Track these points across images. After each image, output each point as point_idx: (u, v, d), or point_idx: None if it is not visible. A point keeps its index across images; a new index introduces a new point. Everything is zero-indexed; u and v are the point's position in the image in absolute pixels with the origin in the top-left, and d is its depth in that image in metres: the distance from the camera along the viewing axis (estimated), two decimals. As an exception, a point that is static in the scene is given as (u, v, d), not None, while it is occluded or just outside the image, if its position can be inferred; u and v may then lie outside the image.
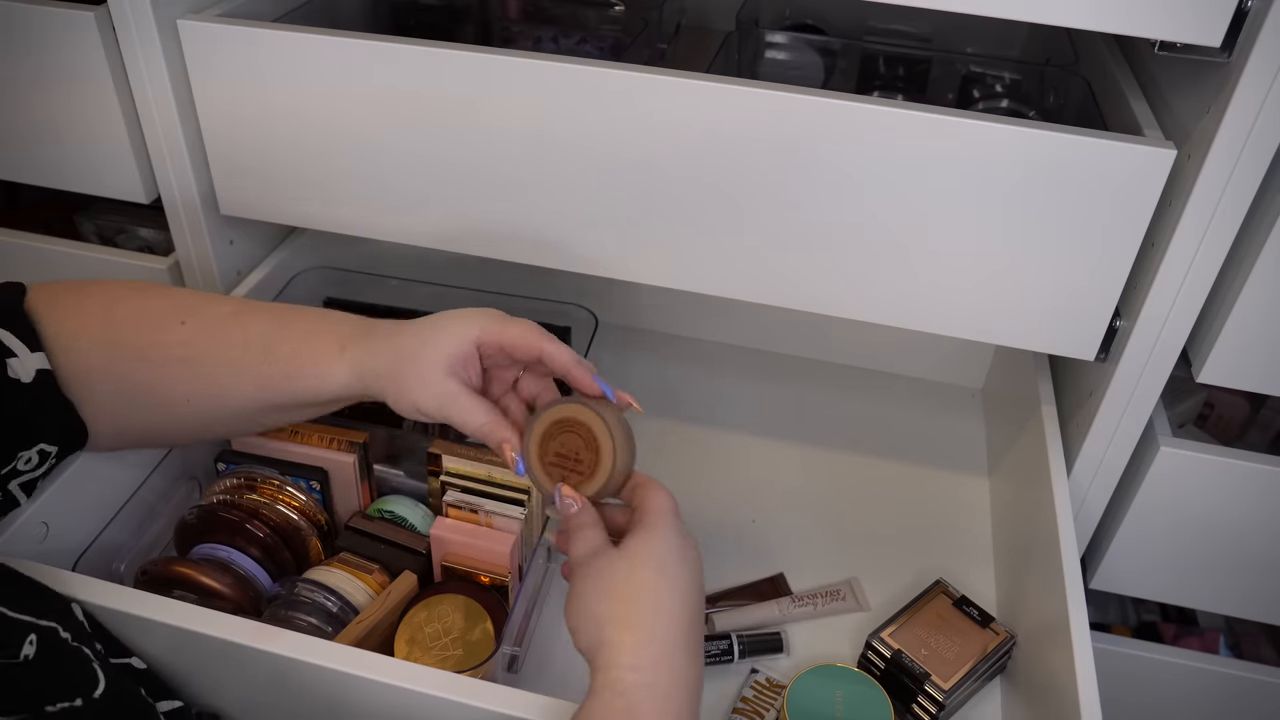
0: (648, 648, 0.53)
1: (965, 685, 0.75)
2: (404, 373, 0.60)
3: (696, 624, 0.56)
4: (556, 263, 0.81)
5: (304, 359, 0.63)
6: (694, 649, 0.55)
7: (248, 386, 0.63)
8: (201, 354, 0.63)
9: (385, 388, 0.61)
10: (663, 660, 0.53)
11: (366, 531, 0.77)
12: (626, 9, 0.98)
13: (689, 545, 0.58)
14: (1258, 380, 0.73)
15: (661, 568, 0.55)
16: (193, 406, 0.65)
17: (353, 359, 0.62)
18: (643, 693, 0.52)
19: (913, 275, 0.74)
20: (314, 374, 0.62)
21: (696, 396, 1.07)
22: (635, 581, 0.55)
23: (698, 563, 0.58)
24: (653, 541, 0.56)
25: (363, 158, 0.80)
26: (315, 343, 0.63)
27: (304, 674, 0.58)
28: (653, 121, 0.72)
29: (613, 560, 0.56)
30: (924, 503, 0.96)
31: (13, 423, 0.60)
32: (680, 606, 0.55)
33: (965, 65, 0.91)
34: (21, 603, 0.54)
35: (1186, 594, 0.87)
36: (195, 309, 0.65)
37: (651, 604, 0.54)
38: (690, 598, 0.56)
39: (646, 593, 0.55)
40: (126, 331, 0.63)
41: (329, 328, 0.64)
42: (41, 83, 0.84)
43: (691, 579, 0.57)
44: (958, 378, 1.11)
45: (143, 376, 0.63)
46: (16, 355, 0.59)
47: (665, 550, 0.56)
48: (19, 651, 0.51)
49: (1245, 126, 0.63)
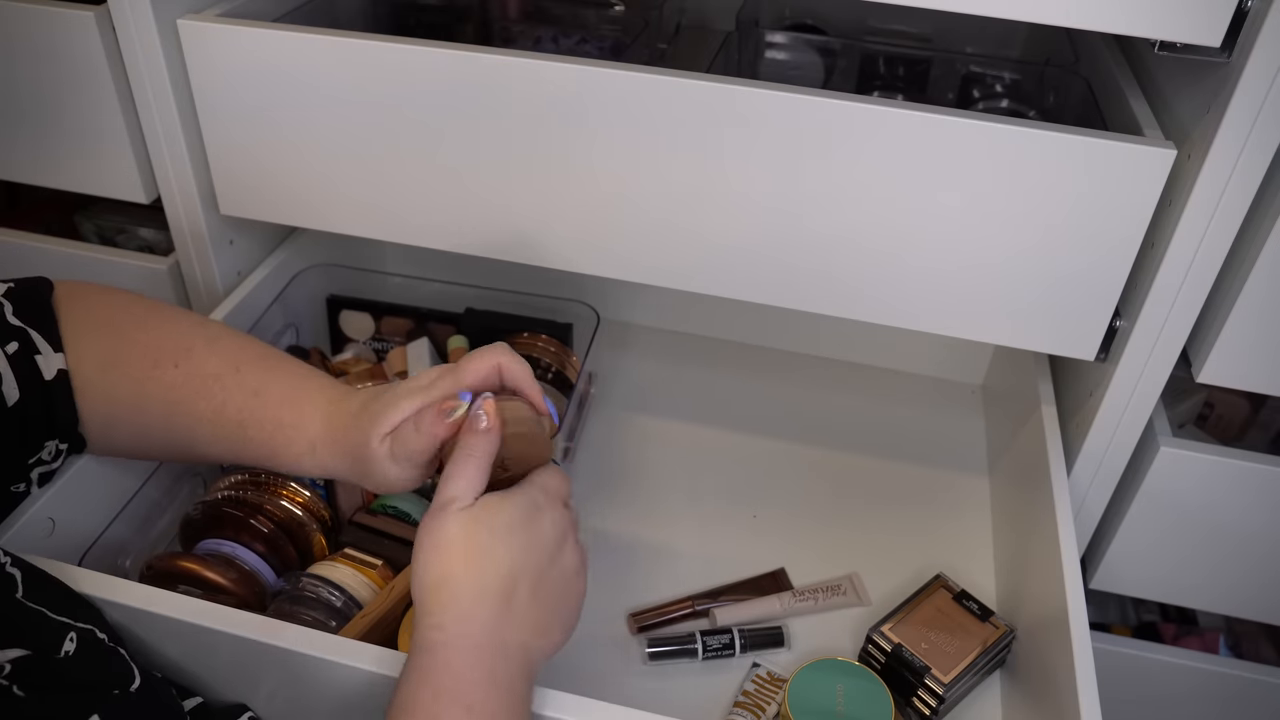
0: (452, 605, 0.52)
1: (965, 679, 0.75)
2: (364, 473, 0.61)
3: (528, 583, 0.54)
4: (557, 263, 0.81)
5: (277, 446, 0.64)
6: (518, 608, 0.54)
7: (223, 451, 0.65)
8: (186, 404, 0.64)
9: (360, 481, 0.63)
10: (472, 617, 0.52)
11: (370, 527, 0.77)
12: (626, 9, 0.98)
13: (546, 515, 0.57)
14: (1258, 380, 0.73)
15: (494, 529, 0.54)
16: (171, 448, 0.66)
17: (320, 463, 0.63)
18: (444, 652, 0.51)
19: (912, 275, 0.74)
20: (286, 463, 0.64)
21: (698, 392, 1.07)
22: (467, 540, 0.54)
23: (551, 530, 0.57)
24: (500, 503, 0.55)
25: (363, 157, 0.80)
26: (288, 434, 0.63)
27: (309, 668, 0.59)
28: (652, 122, 0.72)
29: (459, 516, 0.54)
30: (924, 498, 0.96)
31: (42, 413, 0.62)
32: (505, 564, 0.53)
33: (965, 65, 0.91)
34: (59, 605, 0.55)
35: (1186, 594, 0.87)
36: (191, 354, 0.65)
37: (473, 562, 0.53)
38: (520, 557, 0.54)
39: (471, 552, 0.53)
40: (128, 351, 0.65)
41: (300, 419, 0.63)
42: (41, 83, 0.84)
43: (529, 540, 0.55)
44: (957, 374, 1.11)
45: (134, 402, 0.64)
46: (42, 353, 0.62)
47: (510, 511, 0.55)
48: (59, 648, 0.52)
49: (1245, 126, 0.63)
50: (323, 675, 0.59)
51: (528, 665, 0.54)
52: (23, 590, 0.54)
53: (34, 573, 0.57)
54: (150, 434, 0.66)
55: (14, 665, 0.48)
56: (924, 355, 1.11)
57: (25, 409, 0.61)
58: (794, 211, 0.73)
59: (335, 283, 1.02)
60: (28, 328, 0.62)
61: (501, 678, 0.52)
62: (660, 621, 0.82)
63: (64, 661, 0.52)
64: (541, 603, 0.55)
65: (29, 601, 0.54)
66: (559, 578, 0.57)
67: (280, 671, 0.60)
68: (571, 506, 0.61)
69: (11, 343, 0.60)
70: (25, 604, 0.53)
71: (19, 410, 0.60)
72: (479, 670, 0.51)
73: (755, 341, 1.14)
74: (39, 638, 0.52)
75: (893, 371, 1.12)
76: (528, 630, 0.54)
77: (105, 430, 0.66)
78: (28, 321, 0.62)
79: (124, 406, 0.64)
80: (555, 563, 0.57)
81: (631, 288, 0.87)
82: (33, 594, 0.55)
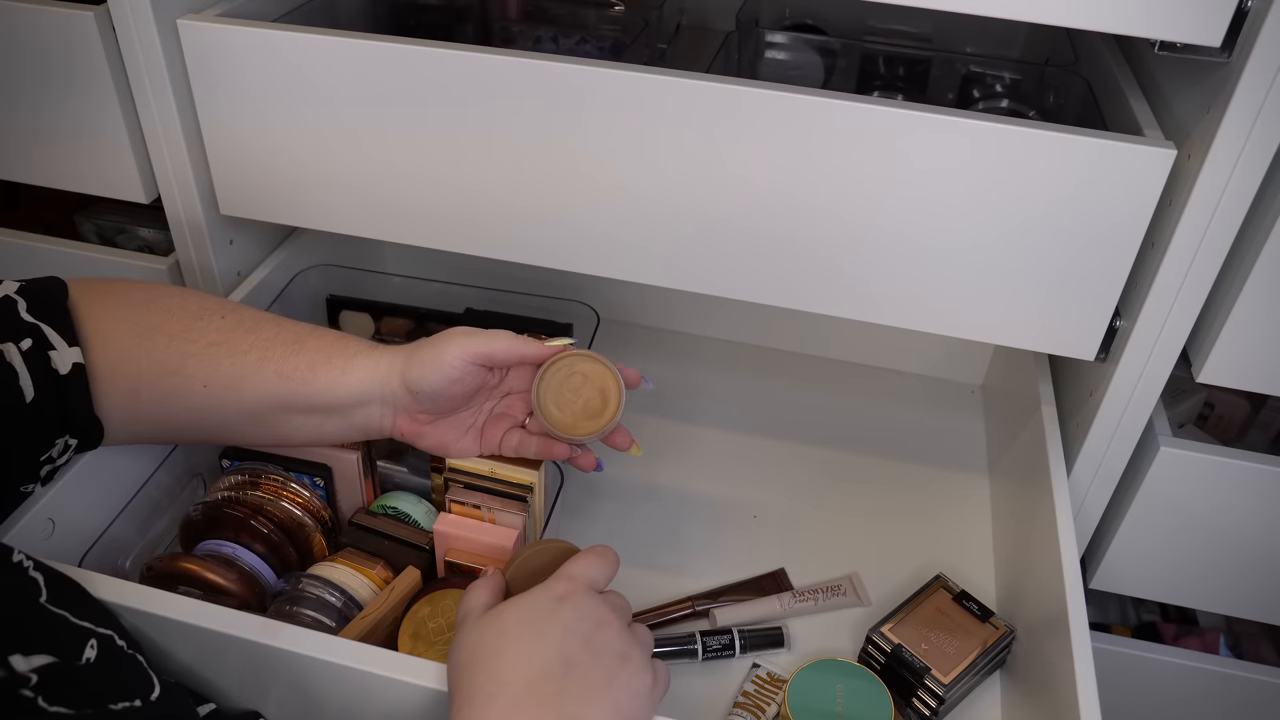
0: (466, 707, 0.51)
1: (965, 679, 0.75)
2: (424, 356, 0.66)
3: (555, 677, 0.53)
4: (557, 263, 0.81)
5: (333, 351, 0.67)
6: (548, 704, 0.52)
7: (269, 375, 0.66)
8: (233, 342, 0.66)
9: (409, 371, 0.66)
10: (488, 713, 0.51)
11: (370, 527, 0.77)
12: (626, 9, 0.98)
13: (565, 606, 0.56)
14: (1258, 380, 0.73)
15: (503, 629, 0.54)
16: (209, 394, 0.66)
17: (380, 356, 0.67)
18: None
19: (912, 275, 0.74)
20: (338, 365, 0.66)
21: (698, 391, 1.07)
22: (482, 643, 0.54)
23: (572, 619, 0.55)
24: (516, 604, 0.56)
25: (363, 157, 0.80)
26: (347, 340, 0.68)
27: (308, 668, 0.59)
28: (653, 122, 0.72)
29: (477, 622, 0.55)
30: (924, 498, 0.96)
31: (54, 410, 0.62)
32: (524, 663, 0.53)
33: (965, 65, 0.91)
34: (79, 610, 0.55)
35: (1186, 594, 0.87)
36: (237, 308, 0.69)
37: (479, 664, 0.53)
38: (539, 653, 0.53)
39: (484, 656, 0.53)
40: (167, 317, 0.66)
41: (362, 339, 0.69)
42: (41, 83, 0.84)
43: (550, 635, 0.54)
44: (957, 374, 1.11)
45: (168, 358, 0.65)
46: (56, 349, 0.62)
47: (524, 610, 0.55)
48: (81, 655, 0.52)
49: (1245, 126, 0.63)
50: (323, 677, 0.59)
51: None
52: (46, 594, 0.54)
53: (55, 576, 0.56)
54: (184, 391, 0.65)
55: (39, 675, 0.48)
56: (924, 355, 1.11)
57: (40, 405, 0.61)
58: (794, 212, 0.73)
59: (335, 283, 1.02)
60: (41, 324, 0.62)
61: None
62: (660, 622, 0.82)
63: (85, 669, 0.51)
64: (575, 691, 0.53)
65: (52, 606, 0.54)
66: (591, 663, 0.54)
67: (282, 673, 0.60)
68: (612, 595, 0.60)
69: (25, 339, 0.61)
70: (49, 609, 0.53)
71: (35, 407, 0.60)
72: None
73: (755, 341, 1.15)
74: (62, 644, 0.52)
75: (893, 371, 1.12)
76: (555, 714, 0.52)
77: (130, 407, 0.65)
78: (41, 318, 0.62)
79: (156, 365, 0.65)
80: (589, 647, 0.55)
81: (631, 288, 0.87)
82: (55, 599, 0.54)
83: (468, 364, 0.66)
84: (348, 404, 0.67)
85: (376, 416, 0.68)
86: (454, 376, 0.65)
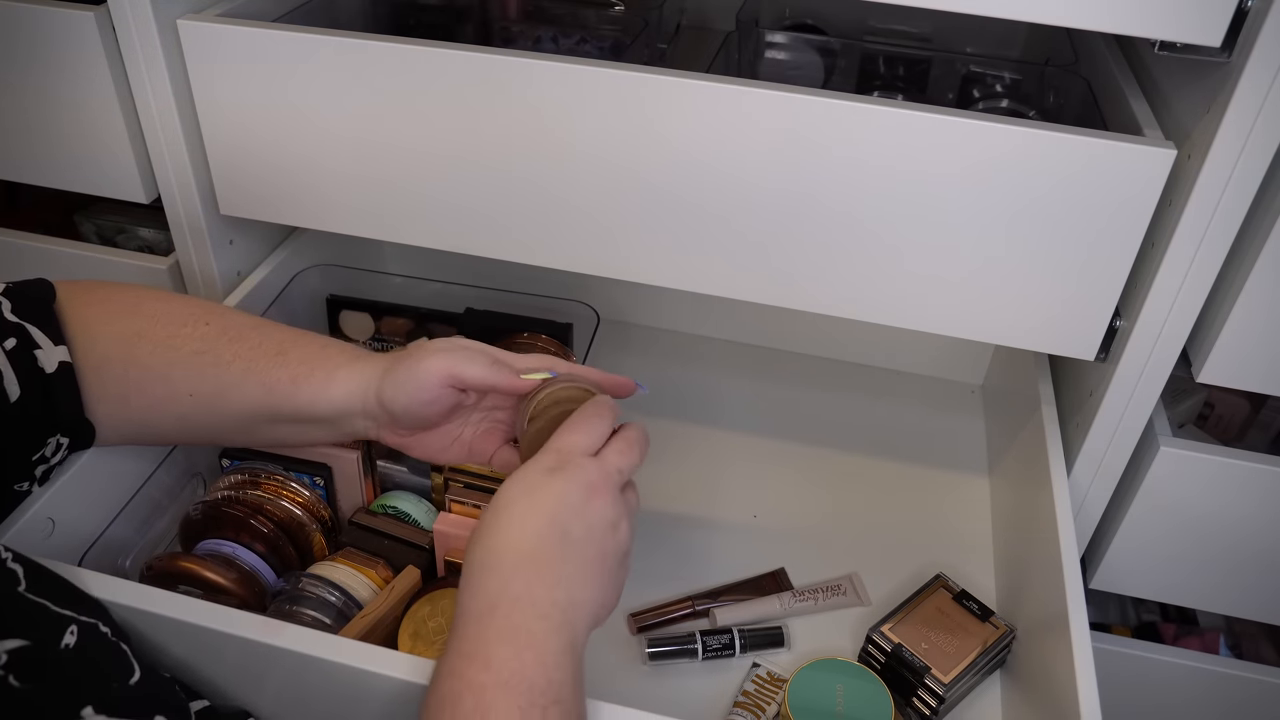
0: (480, 575, 0.53)
1: (965, 679, 0.75)
2: (398, 375, 0.64)
3: (551, 543, 0.54)
4: (557, 263, 0.81)
5: (314, 363, 0.66)
6: (547, 570, 0.53)
7: (254, 387, 0.65)
8: (216, 351, 0.66)
9: (384, 390, 0.64)
10: (505, 586, 0.52)
11: (370, 527, 0.77)
12: (626, 9, 0.98)
13: (555, 478, 0.56)
14: (1258, 380, 0.73)
15: (495, 508, 0.55)
16: (196, 403, 0.66)
17: (361, 368, 0.66)
18: (477, 623, 0.52)
19: (912, 275, 0.74)
20: (319, 380, 0.65)
21: (697, 392, 1.08)
22: (481, 522, 0.55)
23: (568, 485, 0.56)
24: (507, 482, 0.56)
25: (363, 157, 0.80)
26: (330, 351, 0.67)
27: (308, 668, 0.59)
28: (653, 122, 0.72)
29: (522, 480, 0.56)
30: (924, 498, 0.96)
31: (43, 410, 0.62)
32: (518, 534, 0.54)
33: (965, 65, 0.91)
34: (63, 599, 0.55)
35: (1186, 594, 0.87)
36: (221, 314, 0.68)
37: (488, 535, 0.54)
38: (532, 524, 0.54)
39: (480, 532, 0.55)
40: (152, 323, 0.66)
41: (345, 347, 0.68)
42: (41, 83, 0.84)
43: (543, 506, 0.55)
44: (957, 374, 1.11)
45: (154, 364, 0.65)
46: (41, 348, 0.62)
47: (514, 485, 0.56)
48: (60, 640, 0.52)
49: (1245, 126, 0.63)
50: (322, 676, 0.59)
51: (567, 624, 0.54)
52: (25, 584, 0.54)
53: (37, 569, 0.56)
54: (170, 397, 0.65)
55: (11, 656, 0.48)
56: (924, 355, 1.11)
57: (27, 404, 0.61)
58: (794, 212, 0.73)
59: (335, 283, 1.02)
60: (25, 324, 0.62)
61: (541, 636, 0.52)
62: (660, 621, 0.82)
63: (63, 653, 0.52)
64: (571, 570, 0.55)
65: (31, 594, 0.54)
66: (585, 536, 0.56)
67: (282, 673, 0.60)
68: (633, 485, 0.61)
69: (10, 339, 0.61)
70: (27, 596, 0.53)
71: (20, 406, 0.61)
72: (513, 638, 0.51)
73: (755, 341, 1.15)
74: (39, 629, 0.52)
75: (893, 371, 1.12)
76: (565, 581, 0.54)
77: (117, 411, 0.66)
78: (25, 318, 0.62)
79: (142, 371, 0.65)
80: (583, 518, 0.56)
81: (631, 288, 0.87)
82: (34, 588, 0.54)
83: (440, 386, 0.64)
84: (331, 416, 0.66)
85: (362, 428, 0.67)
86: (426, 398, 0.64)
